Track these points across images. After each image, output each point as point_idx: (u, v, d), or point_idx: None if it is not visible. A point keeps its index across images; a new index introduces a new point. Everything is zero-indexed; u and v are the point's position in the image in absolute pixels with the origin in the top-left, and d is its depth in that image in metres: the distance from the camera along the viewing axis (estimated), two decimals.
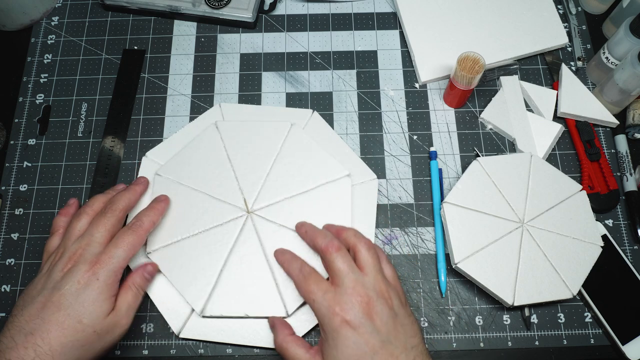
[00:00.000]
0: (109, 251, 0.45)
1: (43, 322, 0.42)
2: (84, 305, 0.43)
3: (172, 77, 0.63)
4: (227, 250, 0.52)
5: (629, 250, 0.55)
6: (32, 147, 0.60)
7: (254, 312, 0.50)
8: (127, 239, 0.46)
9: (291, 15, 0.66)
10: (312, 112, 0.59)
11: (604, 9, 0.65)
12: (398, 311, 0.43)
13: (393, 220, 0.56)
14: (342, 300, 0.42)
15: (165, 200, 0.52)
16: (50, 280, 0.44)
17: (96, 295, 0.43)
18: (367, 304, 0.42)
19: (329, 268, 0.45)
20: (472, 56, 0.54)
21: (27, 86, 0.62)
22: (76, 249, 0.45)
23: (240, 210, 0.54)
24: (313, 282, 0.45)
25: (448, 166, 0.58)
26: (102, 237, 0.46)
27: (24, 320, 0.42)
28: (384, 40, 0.65)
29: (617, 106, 0.59)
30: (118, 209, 0.48)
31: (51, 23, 0.66)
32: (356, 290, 0.43)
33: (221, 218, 0.54)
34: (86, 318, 0.43)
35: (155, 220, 0.50)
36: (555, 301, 0.52)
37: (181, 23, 0.66)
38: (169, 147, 0.58)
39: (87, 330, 0.43)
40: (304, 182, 0.55)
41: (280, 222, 0.53)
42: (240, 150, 0.57)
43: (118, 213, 0.48)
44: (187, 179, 0.55)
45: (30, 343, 0.41)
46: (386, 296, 0.43)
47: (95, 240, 0.46)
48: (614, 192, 0.56)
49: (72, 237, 0.47)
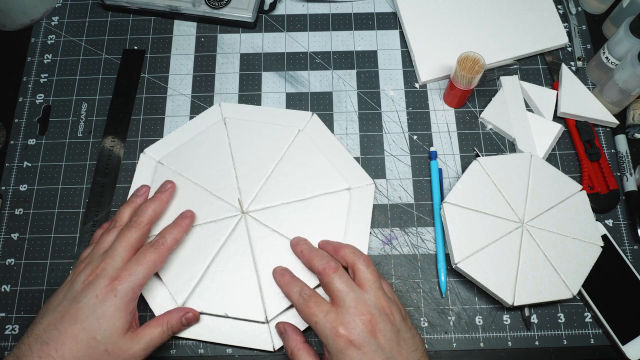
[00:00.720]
0: (130, 268, 0.45)
1: (59, 333, 0.42)
2: (100, 321, 0.43)
3: (172, 77, 0.63)
4: (217, 248, 0.52)
5: (629, 250, 0.55)
6: (32, 147, 0.60)
7: (233, 312, 0.50)
8: (149, 257, 0.46)
9: (291, 15, 0.66)
10: (311, 115, 0.59)
11: (604, 9, 0.65)
12: (400, 326, 0.43)
13: (393, 220, 0.56)
14: (345, 320, 0.42)
15: (191, 216, 0.52)
16: (72, 291, 0.45)
17: (112, 311, 0.43)
18: (370, 322, 0.42)
19: (327, 289, 0.45)
20: (472, 56, 0.54)
21: (27, 86, 0.62)
22: (99, 262, 0.46)
23: (235, 209, 0.54)
24: (314, 304, 0.44)
25: (448, 166, 0.58)
26: (125, 252, 0.46)
27: (42, 328, 0.43)
28: (384, 40, 0.65)
29: (617, 106, 0.59)
30: (143, 223, 0.48)
31: (51, 23, 0.66)
32: (358, 309, 0.42)
33: (215, 215, 0.54)
34: (100, 334, 0.43)
35: (179, 238, 0.50)
36: (555, 301, 0.52)
37: (181, 23, 0.66)
38: (168, 144, 0.58)
39: (100, 347, 0.43)
40: (303, 190, 0.55)
41: (273, 227, 0.53)
42: (245, 150, 0.57)
43: (143, 227, 0.48)
44: (188, 171, 0.56)
45: (44, 353, 0.41)
46: (388, 312, 0.43)
47: (118, 255, 0.46)
48: (614, 192, 0.56)
49: (99, 250, 0.47)
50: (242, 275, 0.52)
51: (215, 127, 0.58)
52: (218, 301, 0.50)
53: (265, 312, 0.50)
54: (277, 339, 0.50)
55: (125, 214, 0.50)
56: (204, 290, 0.51)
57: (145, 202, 0.51)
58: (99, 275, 0.45)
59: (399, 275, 0.54)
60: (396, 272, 0.54)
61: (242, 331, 0.50)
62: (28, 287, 0.54)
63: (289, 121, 0.59)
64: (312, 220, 0.54)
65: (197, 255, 0.52)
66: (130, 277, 0.45)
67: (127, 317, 0.44)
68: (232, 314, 0.50)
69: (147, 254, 0.47)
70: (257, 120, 0.59)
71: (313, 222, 0.54)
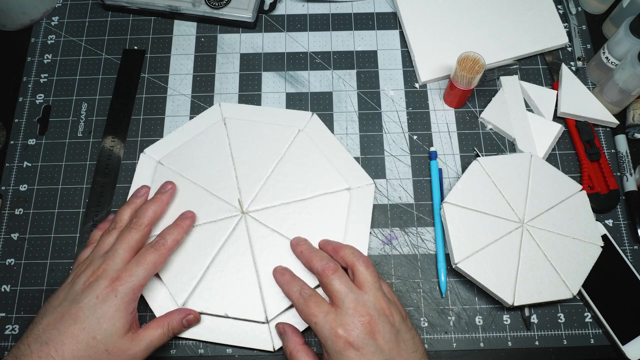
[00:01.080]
0: (130, 269, 0.45)
1: (59, 333, 0.42)
2: (100, 322, 0.43)
3: (172, 77, 0.63)
4: (217, 248, 0.52)
5: (629, 250, 0.55)
6: (32, 147, 0.60)
7: (234, 312, 0.50)
8: (149, 258, 0.46)
9: (291, 15, 0.66)
10: (311, 115, 0.59)
11: (604, 9, 0.65)
12: (400, 327, 0.43)
13: (393, 220, 0.56)
14: (344, 322, 0.42)
15: (192, 217, 0.52)
16: (72, 292, 0.45)
17: (113, 312, 0.43)
18: (369, 324, 0.42)
19: (327, 290, 0.45)
20: (472, 56, 0.54)
21: (27, 86, 0.62)
22: (100, 263, 0.46)
23: (235, 209, 0.54)
24: (314, 304, 0.44)
25: (448, 166, 0.58)
26: (125, 253, 0.46)
27: (42, 328, 0.43)
28: (384, 40, 0.65)
29: (617, 106, 0.59)
30: (143, 224, 0.48)
31: (51, 23, 0.66)
32: (357, 310, 0.42)
33: (215, 215, 0.54)
34: (100, 334, 0.43)
35: (180, 238, 0.50)
36: (555, 301, 0.52)
37: (181, 23, 0.66)
38: (168, 144, 0.58)
39: (100, 347, 0.43)
40: (303, 190, 0.55)
41: (273, 227, 0.53)
42: (244, 150, 0.57)
43: (143, 228, 0.48)
44: (188, 171, 0.56)
45: (44, 353, 0.41)
46: (387, 313, 0.43)
47: (118, 256, 0.46)
48: (614, 192, 0.56)
49: (100, 251, 0.47)
50: (242, 275, 0.52)
51: (215, 127, 0.58)
52: (218, 301, 0.50)
53: (265, 312, 0.50)
54: (277, 339, 0.50)
55: (125, 214, 0.50)
56: (204, 291, 0.51)
57: (146, 203, 0.51)
58: (99, 276, 0.45)
59: (399, 275, 0.54)
60: (396, 272, 0.54)
61: (242, 331, 0.50)
62: (28, 287, 0.54)
63: (289, 121, 0.59)
64: (312, 220, 0.54)
65: (197, 255, 0.52)
66: (130, 278, 0.45)
67: (128, 318, 0.44)
68: (232, 314, 0.50)
69: (148, 255, 0.47)
70: (257, 120, 0.59)
71: (313, 222, 0.54)
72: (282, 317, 0.50)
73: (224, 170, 0.56)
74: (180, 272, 0.51)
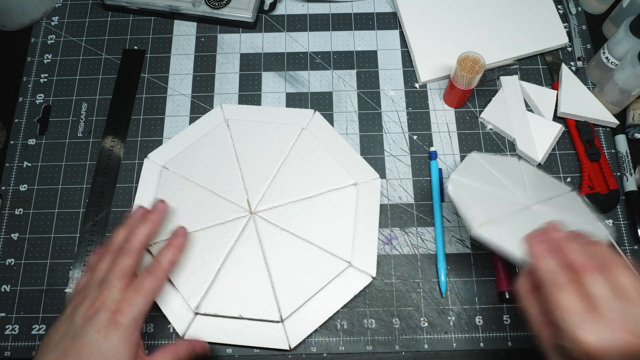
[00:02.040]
0: (130, 298, 0.44)
1: None
2: (105, 357, 0.42)
3: (172, 77, 0.63)
4: (227, 250, 0.52)
5: (629, 250, 0.55)
6: (32, 147, 0.60)
7: (248, 313, 0.50)
8: (147, 285, 0.45)
9: (291, 15, 0.66)
10: (313, 112, 0.59)
11: (604, 9, 0.65)
12: None
13: (393, 220, 0.56)
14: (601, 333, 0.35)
15: (184, 234, 0.51)
16: (72, 327, 0.43)
17: (117, 344, 0.42)
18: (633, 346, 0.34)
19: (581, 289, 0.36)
20: (472, 56, 0.54)
21: (27, 86, 0.62)
22: (97, 294, 0.44)
23: (244, 210, 0.54)
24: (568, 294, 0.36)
25: (448, 166, 0.58)
26: (120, 282, 0.45)
27: None
28: (384, 40, 0.65)
29: (617, 106, 0.59)
30: (133, 250, 0.47)
31: (51, 23, 0.66)
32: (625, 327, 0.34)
33: (224, 217, 0.54)
34: None
35: (174, 259, 0.49)
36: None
37: (181, 23, 0.66)
38: (171, 148, 0.58)
39: None
40: (310, 188, 0.55)
41: (282, 226, 0.53)
42: (249, 150, 0.57)
43: (134, 254, 0.47)
44: (194, 174, 0.56)
45: None
46: None
47: (114, 286, 0.45)
48: (614, 192, 0.56)
49: (96, 279, 0.46)
50: (254, 275, 0.51)
51: (218, 129, 0.58)
52: (231, 303, 0.50)
53: (279, 311, 0.50)
54: (293, 338, 0.50)
55: (119, 237, 0.49)
56: (216, 293, 0.51)
57: (137, 227, 0.49)
58: (98, 309, 0.43)
59: (399, 275, 0.54)
60: (396, 272, 0.54)
61: (257, 331, 0.50)
62: (28, 287, 0.54)
63: (291, 120, 0.59)
64: (320, 217, 0.54)
65: (208, 258, 0.52)
66: (131, 308, 0.44)
67: (133, 349, 0.43)
68: (247, 314, 0.50)
69: (145, 281, 0.45)
70: (260, 121, 0.59)
71: (322, 219, 0.54)
72: (297, 315, 0.50)
73: (230, 171, 0.56)
74: (192, 275, 0.51)
